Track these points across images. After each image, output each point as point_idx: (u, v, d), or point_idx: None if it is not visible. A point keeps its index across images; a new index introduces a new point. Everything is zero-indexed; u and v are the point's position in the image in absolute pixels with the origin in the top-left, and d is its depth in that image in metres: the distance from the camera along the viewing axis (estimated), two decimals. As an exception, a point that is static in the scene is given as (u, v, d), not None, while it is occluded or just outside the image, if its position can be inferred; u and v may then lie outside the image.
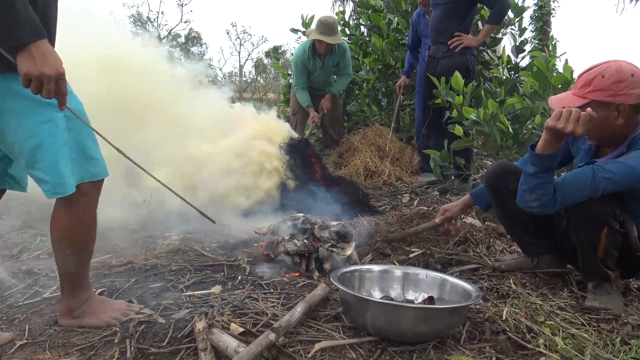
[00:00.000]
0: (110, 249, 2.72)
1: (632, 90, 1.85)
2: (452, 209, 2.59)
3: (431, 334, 1.69)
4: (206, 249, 2.76)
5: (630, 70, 1.86)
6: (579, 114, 1.75)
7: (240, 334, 1.65)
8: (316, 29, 5.12)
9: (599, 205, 1.91)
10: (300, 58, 5.39)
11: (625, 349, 1.69)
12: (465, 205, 2.58)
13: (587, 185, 1.87)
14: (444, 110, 4.07)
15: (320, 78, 5.60)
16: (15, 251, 2.70)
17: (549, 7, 13.33)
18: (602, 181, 1.85)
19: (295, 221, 2.65)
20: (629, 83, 1.85)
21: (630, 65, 1.88)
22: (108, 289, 2.13)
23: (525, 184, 1.94)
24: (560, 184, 1.91)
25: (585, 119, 1.76)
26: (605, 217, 1.92)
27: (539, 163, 1.87)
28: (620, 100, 1.86)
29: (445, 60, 4.13)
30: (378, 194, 4.42)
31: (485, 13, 4.70)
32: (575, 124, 1.75)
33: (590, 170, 1.88)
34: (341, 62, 5.47)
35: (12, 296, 2.08)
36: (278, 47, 23.97)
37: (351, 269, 2.08)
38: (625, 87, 1.84)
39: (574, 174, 1.94)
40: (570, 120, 1.76)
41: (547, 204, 1.91)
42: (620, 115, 1.88)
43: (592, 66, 1.94)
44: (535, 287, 2.25)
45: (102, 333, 1.72)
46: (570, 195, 1.91)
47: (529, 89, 3.47)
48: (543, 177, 1.88)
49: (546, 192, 1.89)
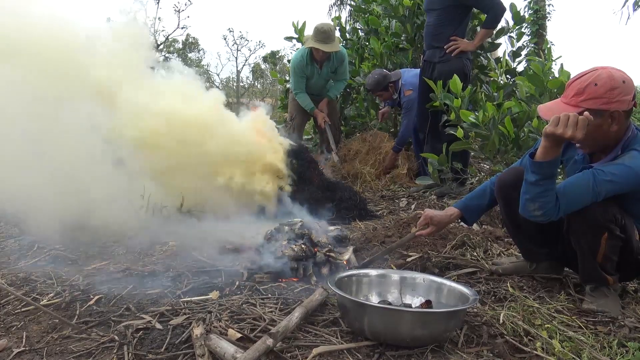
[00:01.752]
0: (108, 256, 2.72)
1: (624, 97, 1.86)
2: (438, 221, 2.39)
3: (429, 338, 1.69)
4: (204, 254, 2.76)
5: (621, 77, 1.87)
6: (576, 118, 1.76)
7: (238, 340, 1.65)
8: (313, 37, 5.13)
9: (599, 210, 1.91)
10: (298, 64, 5.40)
11: (622, 352, 1.70)
12: (453, 219, 2.43)
13: (589, 190, 1.87)
14: (440, 114, 4.09)
15: (317, 84, 5.61)
16: (13, 258, 2.70)
17: (545, 11, 13.38)
18: (604, 184, 1.86)
19: (292, 226, 2.65)
20: (621, 90, 1.86)
21: (620, 72, 1.89)
22: (106, 295, 2.13)
23: (527, 193, 1.93)
24: (562, 191, 1.91)
25: (583, 123, 1.76)
26: (605, 223, 1.92)
27: (540, 171, 1.87)
28: (615, 107, 1.87)
29: (441, 64, 4.15)
30: (375, 198, 4.43)
31: (483, 17, 4.73)
32: (574, 129, 1.76)
33: (591, 174, 1.88)
34: (339, 68, 5.49)
35: (9, 303, 2.08)
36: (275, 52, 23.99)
37: (348, 274, 2.08)
38: (618, 94, 1.85)
39: (575, 180, 1.94)
40: (569, 125, 1.76)
41: (550, 211, 1.90)
42: (614, 121, 1.90)
43: (581, 74, 1.94)
44: (532, 290, 2.25)
45: (100, 340, 1.72)
46: (573, 201, 1.91)
47: (524, 93, 3.49)
48: (545, 185, 1.87)
49: (549, 199, 1.89)
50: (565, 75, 3.26)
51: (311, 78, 5.52)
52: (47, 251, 2.77)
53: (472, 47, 4.20)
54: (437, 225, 2.41)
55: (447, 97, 3.81)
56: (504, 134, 3.44)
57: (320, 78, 5.53)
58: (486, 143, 3.57)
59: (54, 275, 2.38)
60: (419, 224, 2.45)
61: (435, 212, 2.42)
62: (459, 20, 4.11)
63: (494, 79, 4.90)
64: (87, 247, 2.83)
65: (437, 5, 4.11)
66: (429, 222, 2.41)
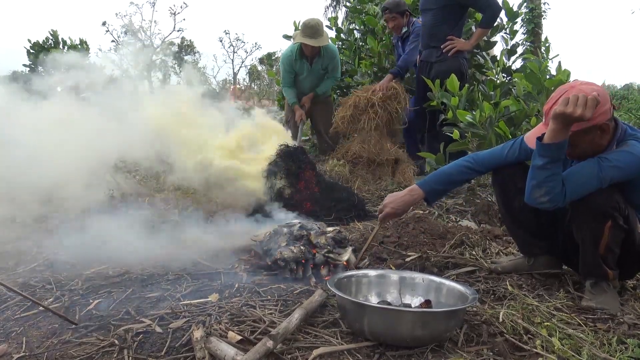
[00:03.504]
0: (107, 259, 2.71)
1: (603, 108, 1.87)
2: (398, 207, 2.40)
3: (429, 337, 1.69)
4: (203, 257, 2.76)
5: (596, 91, 1.83)
6: (585, 98, 1.77)
7: (238, 342, 1.65)
8: (301, 32, 5.12)
9: (603, 197, 1.93)
10: (287, 58, 5.40)
11: (622, 348, 1.70)
12: (414, 201, 2.43)
13: (594, 175, 1.89)
14: (438, 113, 4.10)
15: (308, 81, 5.55)
16: (11, 263, 2.69)
17: (540, 10, 13.41)
18: (609, 170, 1.88)
19: (291, 228, 2.65)
20: (600, 103, 1.84)
21: (590, 86, 1.88)
22: (105, 299, 2.13)
23: (534, 178, 1.94)
24: (568, 177, 1.93)
25: (592, 102, 1.77)
26: (610, 210, 1.93)
27: (548, 154, 1.87)
28: (599, 120, 1.89)
29: (439, 64, 4.16)
30: (374, 199, 4.43)
31: (479, 16, 4.74)
32: (584, 108, 1.77)
33: (595, 161, 1.91)
34: (330, 64, 5.45)
35: (8, 309, 2.07)
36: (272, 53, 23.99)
37: (348, 275, 2.08)
38: (598, 109, 1.85)
39: (580, 166, 1.96)
40: (579, 104, 1.77)
41: (557, 197, 1.91)
42: (604, 133, 1.93)
43: (554, 98, 1.91)
44: (531, 289, 2.26)
45: (100, 344, 1.72)
46: (578, 186, 1.93)
47: (521, 91, 3.49)
48: (552, 169, 1.89)
49: (555, 184, 1.90)
50: (564, 74, 3.25)
51: (301, 74, 5.47)
52: (45, 255, 2.77)
53: (469, 46, 4.21)
54: (397, 208, 2.41)
55: (444, 96, 3.81)
56: (500, 134, 3.44)
57: (311, 75, 5.48)
58: (483, 142, 3.57)
59: (52, 280, 2.38)
60: (381, 210, 2.45)
61: (393, 196, 2.43)
62: (456, 20, 4.13)
63: (491, 77, 4.90)
64: (85, 251, 2.83)
65: (434, 5, 4.12)
66: (386, 207, 2.42)
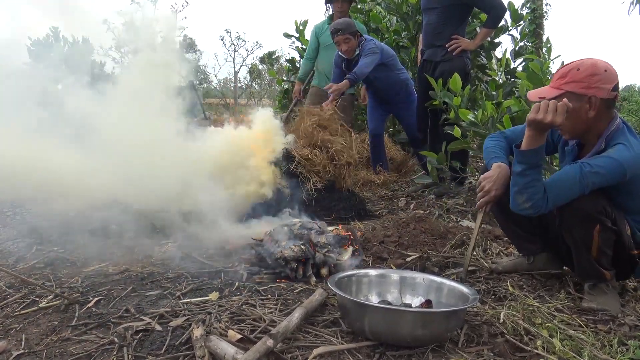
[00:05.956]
0: (107, 257, 2.71)
1: (604, 85, 1.93)
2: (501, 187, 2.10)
3: (429, 337, 1.69)
4: (203, 255, 2.75)
5: (604, 66, 1.94)
6: (555, 104, 1.84)
7: (238, 341, 1.64)
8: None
9: (589, 202, 1.94)
10: (317, 26, 5.38)
11: (623, 350, 1.70)
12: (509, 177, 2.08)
13: (576, 182, 1.91)
14: (439, 112, 4.09)
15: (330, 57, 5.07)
16: (11, 260, 2.69)
17: (542, 10, 13.39)
18: (590, 175, 1.89)
19: (291, 227, 2.64)
20: (602, 77, 1.93)
21: (605, 63, 1.96)
22: (105, 297, 2.12)
23: (515, 185, 1.97)
24: (550, 183, 1.96)
25: (562, 108, 1.85)
26: (596, 215, 1.94)
27: (525, 160, 1.92)
28: (592, 92, 1.93)
29: (444, 63, 4.14)
30: (374, 198, 4.43)
31: (484, 17, 4.73)
32: (554, 114, 1.84)
33: (577, 167, 1.92)
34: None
35: (8, 306, 2.07)
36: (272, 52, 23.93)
37: (348, 274, 2.08)
38: (598, 81, 1.92)
39: (562, 172, 1.98)
40: (549, 111, 1.85)
41: (539, 203, 1.94)
42: (591, 107, 1.95)
43: (564, 71, 2.01)
44: (532, 289, 2.26)
45: (99, 342, 1.71)
46: (560, 192, 1.95)
47: (524, 91, 3.48)
48: (531, 175, 1.92)
49: (536, 190, 1.92)
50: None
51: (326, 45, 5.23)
52: (45, 253, 2.77)
53: (473, 46, 4.21)
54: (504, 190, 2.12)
55: (446, 96, 3.80)
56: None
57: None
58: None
59: (52, 278, 2.38)
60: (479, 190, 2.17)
61: (492, 179, 2.12)
62: (460, 19, 4.11)
63: (493, 77, 4.90)
64: (85, 249, 2.83)
65: (437, 4, 4.10)
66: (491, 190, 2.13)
